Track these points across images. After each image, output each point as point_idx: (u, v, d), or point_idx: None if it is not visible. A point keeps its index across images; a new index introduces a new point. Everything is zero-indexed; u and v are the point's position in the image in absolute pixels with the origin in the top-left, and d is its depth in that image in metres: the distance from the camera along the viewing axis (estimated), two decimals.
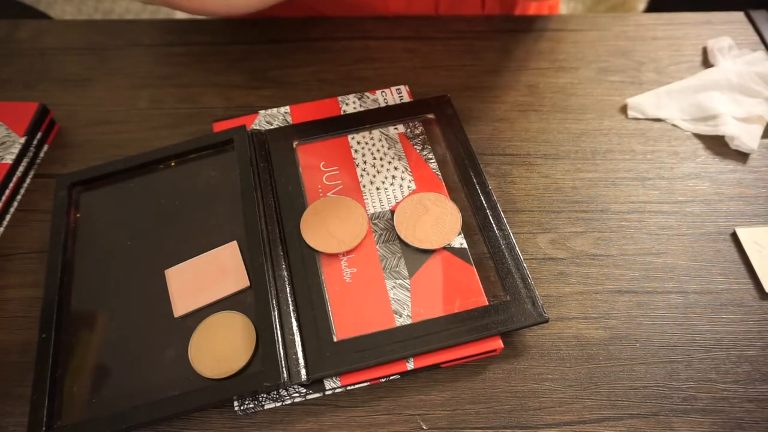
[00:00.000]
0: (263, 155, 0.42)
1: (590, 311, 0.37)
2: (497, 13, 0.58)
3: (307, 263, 0.37)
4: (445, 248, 0.37)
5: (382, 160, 0.42)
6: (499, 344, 0.34)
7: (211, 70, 0.51)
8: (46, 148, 0.46)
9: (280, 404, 0.33)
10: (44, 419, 0.32)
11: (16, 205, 0.43)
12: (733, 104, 0.46)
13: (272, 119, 0.45)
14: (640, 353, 0.35)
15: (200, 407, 0.32)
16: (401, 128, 0.44)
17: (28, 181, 0.44)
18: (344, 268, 0.37)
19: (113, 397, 0.33)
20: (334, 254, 0.37)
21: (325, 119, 0.44)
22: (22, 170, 0.44)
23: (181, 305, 0.36)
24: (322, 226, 0.38)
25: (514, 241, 0.37)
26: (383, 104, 0.45)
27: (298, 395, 0.33)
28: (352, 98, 0.46)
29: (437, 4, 0.56)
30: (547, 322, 0.34)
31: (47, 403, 0.32)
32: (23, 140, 0.44)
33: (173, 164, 0.43)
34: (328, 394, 0.34)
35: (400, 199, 0.40)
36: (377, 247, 0.38)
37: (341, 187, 0.41)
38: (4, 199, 0.42)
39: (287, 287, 0.36)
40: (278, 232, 0.38)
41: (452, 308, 0.35)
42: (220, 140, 0.42)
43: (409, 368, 0.33)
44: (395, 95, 0.46)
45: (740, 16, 0.54)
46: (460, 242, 0.38)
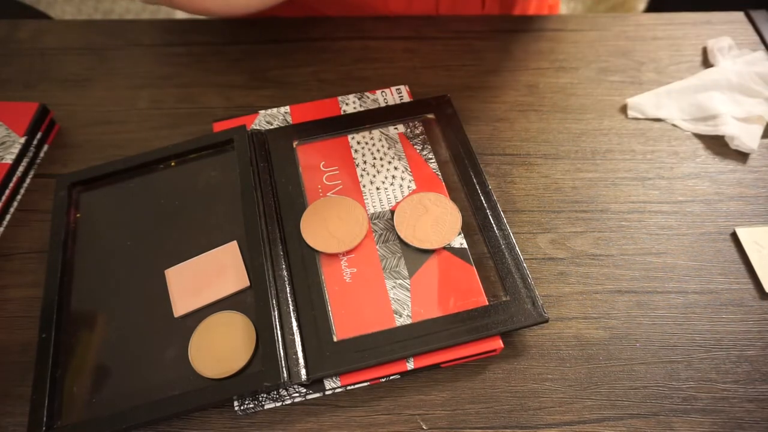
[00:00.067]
0: (263, 155, 0.42)
1: (590, 311, 0.37)
2: (497, 13, 0.58)
3: (307, 263, 0.37)
4: (445, 248, 0.37)
5: (382, 160, 0.42)
6: (499, 344, 0.34)
7: (211, 70, 0.51)
8: (46, 148, 0.46)
9: (280, 404, 0.33)
10: (44, 419, 0.32)
11: (16, 205, 0.43)
12: (733, 104, 0.46)
13: (272, 119, 0.45)
14: (640, 353, 0.35)
15: (200, 407, 0.32)
16: (401, 128, 0.44)
17: (28, 181, 0.44)
18: (344, 268, 0.37)
19: (113, 397, 0.33)
20: (334, 254, 0.37)
21: (325, 119, 0.44)
22: (22, 170, 0.44)
23: (181, 305, 0.36)
24: (322, 226, 0.38)
25: (514, 241, 0.37)
26: (383, 104, 0.45)
27: (298, 395, 0.33)
28: (352, 98, 0.46)
29: (437, 4, 0.56)
30: (547, 322, 0.34)
31: (47, 403, 0.32)
32: (23, 140, 0.44)
33: (173, 164, 0.43)
34: (328, 394, 0.34)
35: (400, 199, 0.40)
36: (377, 247, 0.38)
37: (341, 187, 0.41)
38: (4, 199, 0.42)
39: (287, 287, 0.36)
40: (278, 232, 0.38)
41: (452, 308, 0.35)
42: (220, 140, 0.42)
43: (409, 368, 0.33)
44: (395, 95, 0.46)
45: (740, 16, 0.54)
46: (460, 242, 0.38)
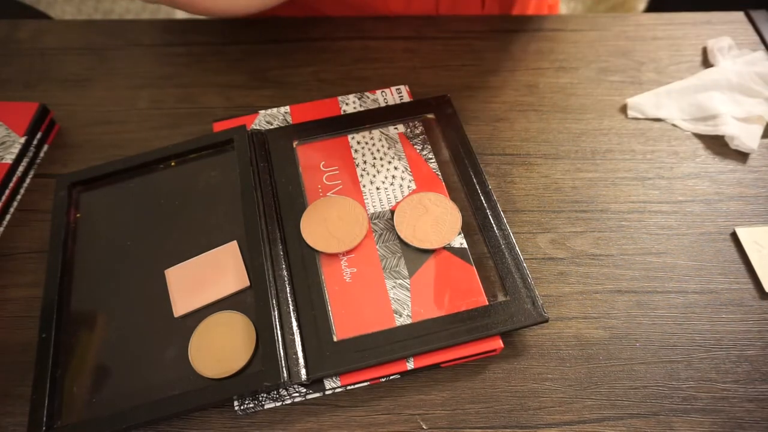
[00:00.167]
0: (263, 155, 0.42)
1: (590, 311, 0.37)
2: (497, 13, 0.58)
3: (307, 263, 0.37)
4: (445, 248, 0.37)
5: (382, 159, 0.42)
6: (499, 344, 0.34)
7: (211, 70, 0.51)
8: (46, 148, 0.46)
9: (280, 404, 0.33)
10: (44, 419, 0.32)
11: (16, 205, 0.43)
12: (733, 104, 0.46)
13: (272, 119, 0.45)
14: (640, 353, 0.35)
15: (200, 407, 0.32)
16: (401, 128, 0.44)
17: (28, 181, 0.44)
18: (344, 267, 0.37)
19: (113, 397, 0.33)
20: (334, 254, 0.37)
21: (325, 119, 0.44)
22: (22, 170, 0.44)
23: (181, 305, 0.36)
24: (322, 226, 0.38)
25: (514, 240, 0.37)
26: (383, 104, 0.45)
27: (298, 395, 0.33)
28: (352, 98, 0.46)
29: (437, 4, 0.56)
30: (547, 321, 0.34)
31: (47, 402, 0.32)
32: (23, 140, 0.44)
33: (173, 164, 0.43)
34: (328, 393, 0.34)
35: (400, 198, 0.40)
36: (377, 246, 0.38)
37: (341, 186, 0.41)
38: (4, 199, 0.42)
39: (287, 287, 0.36)
40: (278, 232, 0.38)
41: (452, 308, 0.35)
42: (220, 140, 0.42)
43: (409, 368, 0.33)
44: (395, 95, 0.46)
45: (740, 16, 0.54)
46: (460, 242, 0.38)
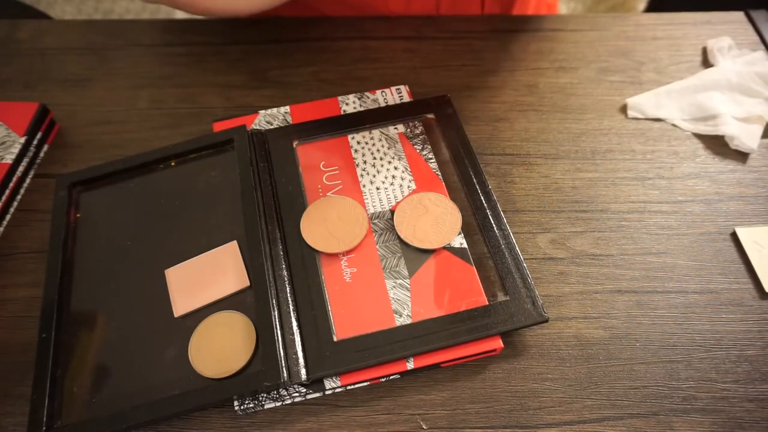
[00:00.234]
0: (263, 155, 0.42)
1: (590, 311, 0.37)
2: (497, 12, 0.58)
3: (307, 263, 0.37)
4: (445, 248, 0.37)
5: (382, 159, 0.42)
6: (499, 344, 0.34)
7: (211, 70, 0.51)
8: (46, 148, 0.46)
9: (280, 404, 0.33)
10: (44, 419, 0.32)
11: (16, 204, 0.43)
12: (733, 104, 0.46)
13: (272, 119, 0.45)
14: (640, 353, 0.35)
15: (200, 407, 0.32)
16: (401, 128, 0.44)
17: (28, 181, 0.44)
18: (344, 267, 0.37)
19: (113, 397, 0.33)
20: (334, 254, 0.37)
21: (325, 119, 0.44)
22: (22, 170, 0.44)
23: (181, 305, 0.36)
24: (322, 225, 0.38)
25: (514, 240, 0.37)
26: (383, 104, 0.45)
27: (298, 395, 0.33)
28: (352, 98, 0.46)
29: (438, 3, 0.56)
30: (547, 321, 0.34)
31: (47, 402, 0.32)
32: (23, 140, 0.44)
33: (173, 164, 0.43)
34: (328, 393, 0.34)
35: (400, 198, 0.40)
36: (377, 246, 0.38)
37: (341, 186, 0.41)
38: (4, 199, 0.42)
39: (287, 287, 0.36)
40: (278, 232, 0.38)
41: (452, 308, 0.35)
42: (220, 140, 0.42)
43: (409, 368, 0.33)
44: (395, 95, 0.46)
45: (740, 16, 0.54)
46: (460, 242, 0.38)
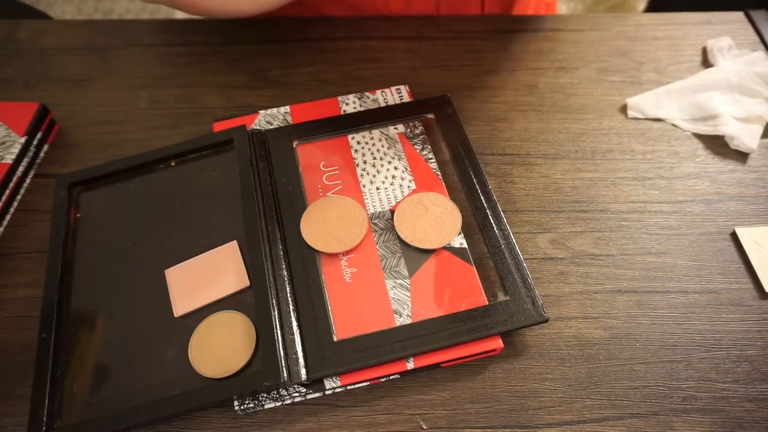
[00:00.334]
0: (263, 155, 0.42)
1: (590, 311, 0.37)
2: (497, 12, 0.58)
3: (307, 263, 0.37)
4: (445, 248, 0.37)
5: (382, 159, 0.42)
6: (499, 344, 0.34)
7: (211, 70, 0.51)
8: (46, 148, 0.46)
9: (280, 404, 0.33)
10: (44, 419, 0.32)
11: (16, 205, 0.43)
12: (733, 104, 0.46)
13: (272, 119, 0.45)
14: (640, 353, 0.35)
15: (200, 407, 0.32)
16: (401, 128, 0.44)
17: (28, 181, 0.44)
18: (344, 267, 0.37)
19: (113, 397, 0.33)
20: (334, 254, 0.37)
21: (325, 119, 0.44)
22: (22, 170, 0.44)
23: (181, 305, 0.36)
24: (322, 225, 0.38)
25: (514, 240, 0.37)
26: (383, 104, 0.45)
27: (298, 395, 0.33)
28: (352, 98, 0.46)
29: (438, 3, 0.56)
30: (547, 321, 0.34)
31: (47, 402, 0.32)
32: (23, 140, 0.44)
33: (173, 164, 0.43)
34: (328, 393, 0.34)
35: (400, 198, 0.40)
36: (377, 246, 0.38)
37: (341, 186, 0.41)
38: (4, 199, 0.42)
39: (287, 287, 0.36)
40: (278, 232, 0.38)
41: (452, 308, 0.35)
42: (220, 140, 0.42)
43: (409, 368, 0.33)
44: (395, 95, 0.46)
45: (740, 16, 0.54)
46: (460, 242, 0.38)
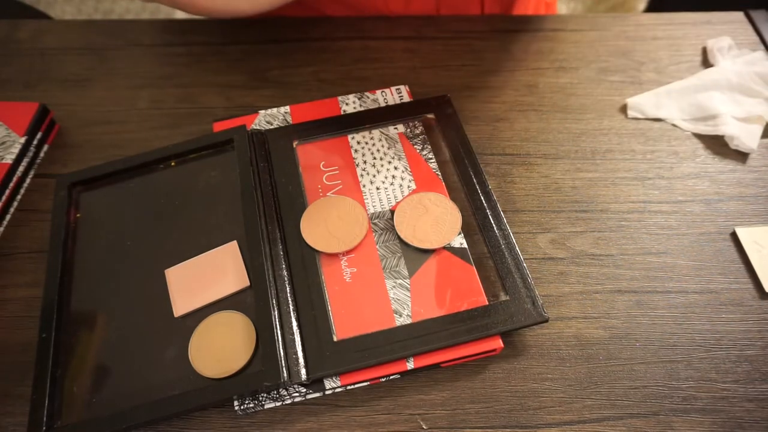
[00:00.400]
0: (263, 155, 0.42)
1: (590, 311, 0.37)
2: (497, 12, 0.58)
3: (307, 263, 0.37)
4: (445, 248, 0.37)
5: (382, 159, 0.42)
6: (499, 344, 0.34)
7: (211, 70, 0.51)
8: (46, 148, 0.46)
9: (280, 404, 0.33)
10: (44, 419, 0.32)
11: (16, 204, 0.43)
12: (732, 104, 0.46)
13: (272, 119, 0.45)
14: (640, 353, 0.35)
15: (200, 407, 0.32)
16: (401, 128, 0.44)
17: (28, 181, 0.44)
18: (344, 267, 0.37)
19: (113, 397, 0.33)
20: (334, 254, 0.37)
21: (325, 119, 0.44)
22: (22, 170, 0.44)
23: (181, 305, 0.36)
24: (322, 225, 0.38)
25: (514, 240, 0.37)
26: (383, 104, 0.45)
27: (298, 395, 0.33)
28: (352, 98, 0.46)
29: (438, 4, 0.56)
30: (547, 321, 0.34)
31: (47, 402, 0.32)
32: (23, 140, 0.44)
33: (173, 164, 0.43)
34: (328, 393, 0.34)
35: (400, 198, 0.40)
36: (377, 246, 0.38)
37: (341, 186, 0.41)
38: (4, 199, 0.42)
39: (287, 287, 0.36)
40: (278, 232, 0.38)
41: (452, 308, 0.35)
42: (220, 140, 0.42)
43: (409, 368, 0.33)
44: (395, 95, 0.46)
45: (740, 16, 0.54)
46: (460, 242, 0.38)
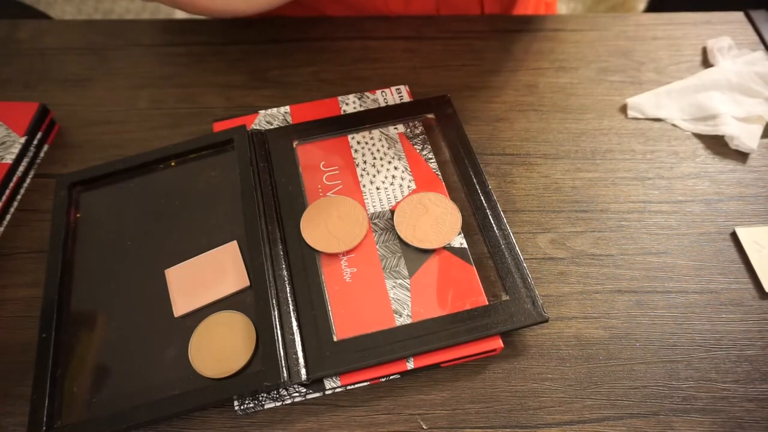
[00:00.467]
0: (263, 155, 0.42)
1: (590, 311, 0.37)
2: (497, 12, 0.58)
3: (307, 263, 0.37)
4: (445, 248, 0.37)
5: (382, 159, 0.42)
6: (499, 344, 0.34)
7: (211, 70, 0.51)
8: (46, 148, 0.46)
9: (280, 404, 0.33)
10: (44, 419, 0.32)
11: (16, 205, 0.43)
12: (732, 104, 0.46)
13: (272, 119, 0.45)
14: (640, 353, 0.35)
15: (200, 407, 0.32)
16: (401, 128, 0.44)
17: (28, 181, 0.44)
18: (344, 267, 0.37)
19: (113, 397, 0.33)
20: (334, 254, 0.37)
21: (325, 119, 0.44)
22: (22, 170, 0.44)
23: (181, 305, 0.36)
24: (322, 225, 0.38)
25: (514, 240, 0.37)
26: (383, 104, 0.45)
27: (298, 395, 0.33)
28: (352, 98, 0.46)
29: (438, 4, 0.56)
30: (547, 321, 0.34)
31: (47, 403, 0.32)
32: (23, 140, 0.44)
33: (173, 164, 0.43)
34: (328, 393, 0.34)
35: (400, 198, 0.40)
36: (377, 246, 0.38)
37: (341, 186, 0.41)
38: (4, 199, 0.42)
39: (287, 287, 0.36)
40: (278, 232, 0.38)
41: (452, 308, 0.35)
42: (220, 140, 0.42)
43: (409, 368, 0.33)
44: (395, 95, 0.46)
45: (740, 16, 0.54)
46: (460, 242, 0.38)
